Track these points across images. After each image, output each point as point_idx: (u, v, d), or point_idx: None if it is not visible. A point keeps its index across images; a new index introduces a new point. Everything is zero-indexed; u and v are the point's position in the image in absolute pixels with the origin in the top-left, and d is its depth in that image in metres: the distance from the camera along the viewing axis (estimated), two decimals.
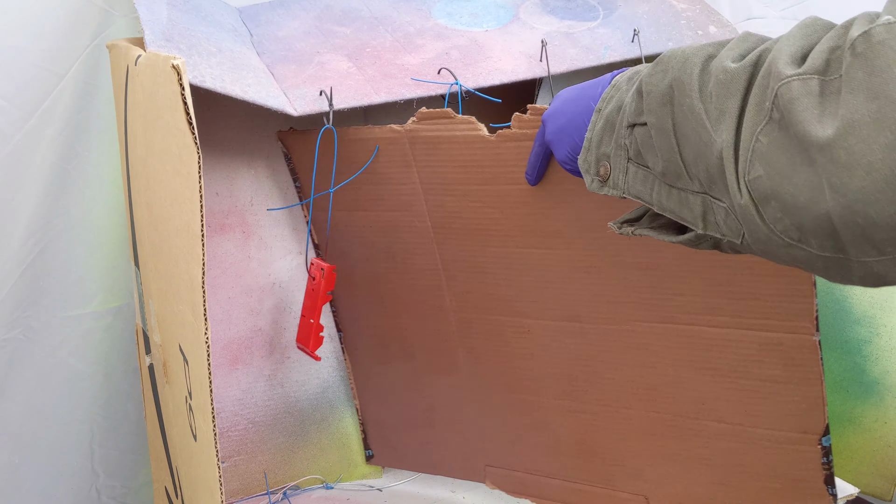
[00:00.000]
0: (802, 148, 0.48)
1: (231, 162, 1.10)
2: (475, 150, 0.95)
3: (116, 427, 1.27)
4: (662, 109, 0.59)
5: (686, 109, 0.57)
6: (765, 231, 0.53)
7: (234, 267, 1.12)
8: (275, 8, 1.17)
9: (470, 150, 0.95)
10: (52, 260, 1.17)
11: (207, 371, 0.77)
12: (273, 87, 1.00)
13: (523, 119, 0.89)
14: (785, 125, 0.49)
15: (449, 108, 0.96)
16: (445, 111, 0.96)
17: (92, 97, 1.14)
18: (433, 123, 0.96)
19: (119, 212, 1.18)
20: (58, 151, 1.13)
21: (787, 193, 0.50)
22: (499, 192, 0.96)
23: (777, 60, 0.50)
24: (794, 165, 0.49)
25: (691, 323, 0.90)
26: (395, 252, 1.07)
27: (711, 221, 0.59)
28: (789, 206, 0.50)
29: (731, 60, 0.54)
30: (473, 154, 0.95)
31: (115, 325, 1.23)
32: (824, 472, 0.89)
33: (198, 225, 0.75)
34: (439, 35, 1.15)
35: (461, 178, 0.98)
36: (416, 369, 1.16)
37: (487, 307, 1.05)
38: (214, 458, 0.79)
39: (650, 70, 0.62)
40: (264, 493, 1.17)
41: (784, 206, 0.50)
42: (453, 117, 0.95)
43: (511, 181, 0.94)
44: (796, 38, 0.51)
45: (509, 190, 0.95)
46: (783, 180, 0.50)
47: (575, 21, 1.21)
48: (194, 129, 0.74)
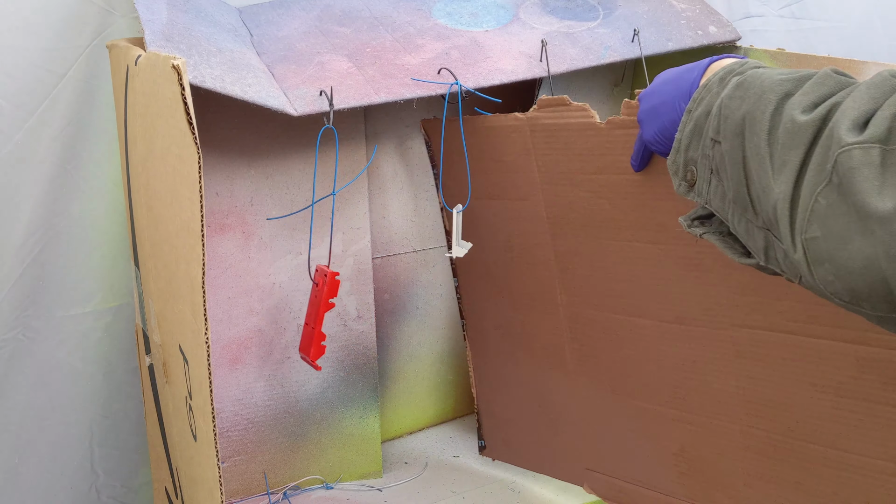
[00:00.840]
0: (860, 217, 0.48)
1: (231, 162, 1.10)
2: (588, 138, 0.94)
3: (117, 426, 1.27)
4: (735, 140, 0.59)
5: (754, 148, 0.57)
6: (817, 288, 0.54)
7: (234, 267, 1.12)
8: (275, 8, 1.17)
9: (583, 138, 0.94)
10: (52, 259, 1.17)
11: (207, 371, 0.77)
12: (273, 88, 1.00)
13: (632, 105, 0.87)
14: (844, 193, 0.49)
15: (565, 96, 0.95)
16: (562, 98, 0.95)
17: (92, 97, 1.14)
18: (551, 111, 0.96)
19: (119, 211, 1.19)
20: (58, 151, 1.14)
21: (842, 258, 0.50)
22: (609, 182, 0.94)
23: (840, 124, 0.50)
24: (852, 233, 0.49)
25: (791, 332, 0.86)
26: (514, 244, 1.07)
27: (772, 257, 0.59)
28: (842, 271, 0.50)
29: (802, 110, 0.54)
30: (586, 142, 0.94)
31: (114, 324, 1.23)
32: None
33: (198, 225, 0.75)
34: (439, 35, 1.15)
35: (576, 167, 0.97)
36: (531, 363, 1.16)
37: (598, 303, 1.03)
38: (214, 458, 0.79)
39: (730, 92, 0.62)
40: (264, 493, 1.17)
41: (837, 270, 0.51)
42: (569, 104, 0.94)
43: (619, 171, 0.92)
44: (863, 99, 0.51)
45: (618, 180, 0.93)
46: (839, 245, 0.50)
47: (575, 21, 1.21)
48: (194, 129, 0.74)
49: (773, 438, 0.92)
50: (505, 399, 1.21)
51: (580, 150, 0.96)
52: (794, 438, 0.90)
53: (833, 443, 0.87)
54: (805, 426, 0.89)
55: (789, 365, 0.87)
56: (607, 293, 1.02)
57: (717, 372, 0.94)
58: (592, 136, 0.93)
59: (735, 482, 0.97)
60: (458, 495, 1.19)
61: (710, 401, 0.96)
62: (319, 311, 1.04)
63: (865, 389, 0.82)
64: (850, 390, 0.83)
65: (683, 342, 0.96)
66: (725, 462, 0.97)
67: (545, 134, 0.99)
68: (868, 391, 0.82)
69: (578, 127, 0.94)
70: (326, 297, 1.04)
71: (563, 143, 0.97)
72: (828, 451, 0.87)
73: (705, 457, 0.99)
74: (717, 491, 1.00)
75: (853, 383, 0.83)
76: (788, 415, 0.89)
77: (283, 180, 1.13)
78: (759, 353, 0.89)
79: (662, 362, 0.99)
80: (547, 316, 1.10)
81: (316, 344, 1.05)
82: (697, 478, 1.01)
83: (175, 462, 1.03)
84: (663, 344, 0.98)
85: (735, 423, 0.95)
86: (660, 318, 0.97)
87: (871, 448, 0.84)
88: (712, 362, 0.94)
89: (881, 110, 0.49)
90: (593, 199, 0.97)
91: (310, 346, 1.05)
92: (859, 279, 0.50)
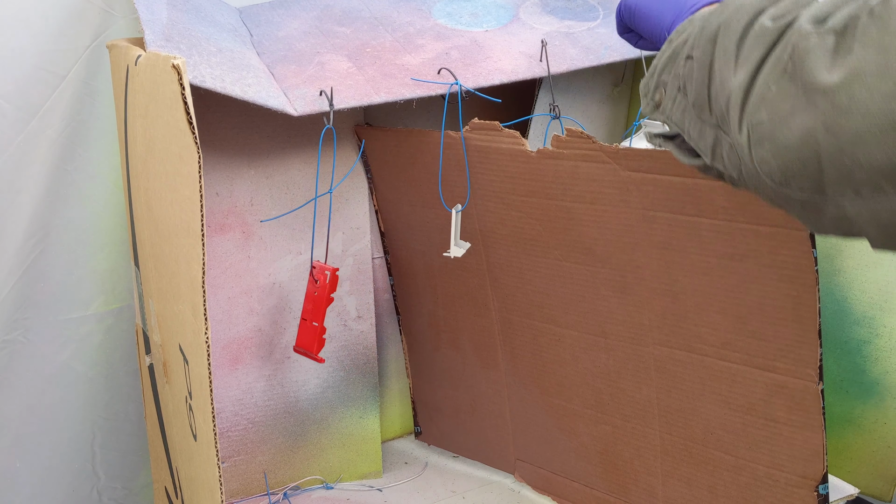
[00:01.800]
0: (806, 92, 0.52)
1: (231, 162, 1.10)
2: (519, 164, 0.98)
3: (118, 429, 1.27)
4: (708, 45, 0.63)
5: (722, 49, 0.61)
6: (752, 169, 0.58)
7: (234, 267, 1.12)
8: (275, 8, 1.17)
9: (514, 163, 0.99)
10: (52, 262, 1.17)
11: (207, 371, 0.77)
12: (273, 87, 1.00)
13: (561, 140, 0.92)
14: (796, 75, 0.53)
15: (496, 122, 0.99)
16: (493, 123, 0.99)
17: (92, 98, 1.14)
18: (484, 133, 1.00)
19: (119, 213, 1.19)
20: (58, 153, 1.13)
21: (782, 136, 0.54)
22: (540, 205, 0.99)
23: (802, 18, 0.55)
24: (796, 110, 0.53)
25: (707, 354, 0.91)
26: None
27: (718, 154, 0.63)
28: (780, 148, 0.54)
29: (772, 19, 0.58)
30: (517, 167, 0.99)
31: (116, 326, 1.23)
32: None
33: (198, 224, 0.75)
34: (439, 35, 1.15)
35: (507, 187, 1.01)
36: (464, 360, 1.20)
37: (527, 312, 1.08)
38: (214, 458, 0.79)
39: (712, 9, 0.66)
40: (264, 493, 1.17)
41: (775, 149, 0.55)
42: (500, 130, 0.98)
43: (550, 196, 0.97)
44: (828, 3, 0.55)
45: (548, 204, 0.98)
46: (782, 123, 0.54)
47: (575, 21, 1.21)
48: (195, 128, 0.74)
49: (688, 445, 0.97)
50: (437, 390, 1.27)
51: (511, 174, 1.00)
52: (707, 447, 0.95)
53: (743, 454, 0.92)
54: (717, 437, 0.94)
55: (705, 384, 0.92)
56: (534, 304, 1.07)
57: (636, 382, 0.99)
58: (523, 163, 0.97)
59: (652, 481, 1.02)
60: (458, 495, 1.19)
61: (628, 406, 1.02)
62: (321, 307, 1.06)
63: (773, 412, 0.88)
64: (759, 411, 0.89)
65: (605, 353, 1.01)
66: (643, 462, 1.02)
67: (478, 154, 1.02)
68: (775, 413, 0.88)
69: (510, 153, 0.98)
70: (329, 292, 1.06)
71: (494, 164, 1.01)
72: (738, 461, 0.93)
73: (624, 456, 1.04)
74: (636, 487, 1.04)
75: (762, 405, 0.88)
76: (702, 426, 0.95)
77: (283, 180, 1.13)
78: (676, 371, 0.95)
79: (584, 369, 1.05)
80: (479, 318, 1.15)
81: (318, 338, 1.07)
82: (617, 473, 1.06)
83: (175, 462, 1.03)
84: (586, 353, 1.03)
85: (652, 427, 1.00)
86: (584, 329, 1.02)
87: (777, 461, 0.90)
88: (632, 374, 0.99)
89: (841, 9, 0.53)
90: (524, 218, 1.01)
91: (313, 341, 1.07)
92: (794, 155, 0.53)
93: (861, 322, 1.12)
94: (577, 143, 0.91)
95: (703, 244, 0.86)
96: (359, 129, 1.15)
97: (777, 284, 0.82)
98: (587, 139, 0.90)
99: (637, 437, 1.02)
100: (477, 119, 1.01)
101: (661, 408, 0.98)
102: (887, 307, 1.10)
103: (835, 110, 0.50)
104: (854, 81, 0.49)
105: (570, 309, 1.03)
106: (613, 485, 1.08)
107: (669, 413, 0.97)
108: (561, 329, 1.05)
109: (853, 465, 1.15)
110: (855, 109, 0.49)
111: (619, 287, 0.96)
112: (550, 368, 1.09)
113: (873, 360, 1.12)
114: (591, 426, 1.07)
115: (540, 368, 1.11)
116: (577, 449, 1.11)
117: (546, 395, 1.12)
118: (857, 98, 0.49)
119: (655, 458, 1.01)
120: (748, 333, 0.86)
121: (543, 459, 1.16)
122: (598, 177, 0.91)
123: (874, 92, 0.49)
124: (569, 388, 1.08)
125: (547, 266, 1.02)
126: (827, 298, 1.15)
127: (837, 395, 1.15)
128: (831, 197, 0.53)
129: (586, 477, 1.11)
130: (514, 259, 1.06)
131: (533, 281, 1.05)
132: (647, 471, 1.03)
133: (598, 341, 1.02)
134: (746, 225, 0.81)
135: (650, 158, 0.86)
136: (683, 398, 0.95)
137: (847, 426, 1.14)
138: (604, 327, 1.00)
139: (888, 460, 1.11)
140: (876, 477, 1.13)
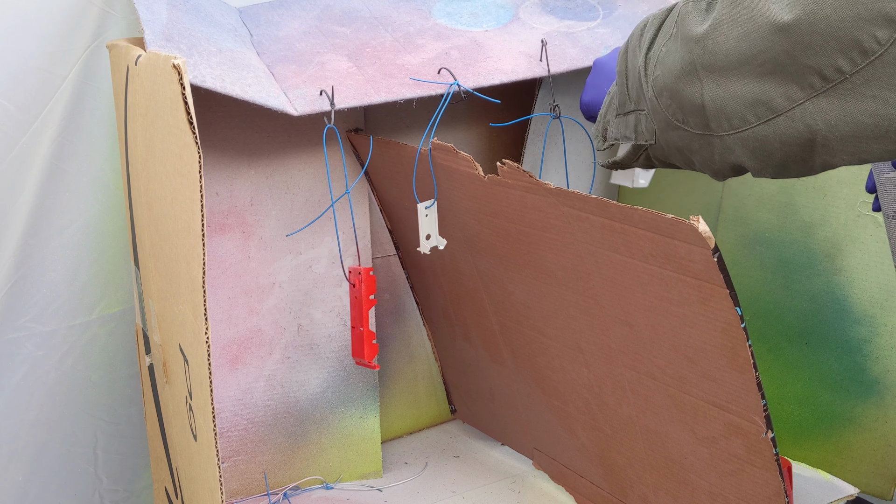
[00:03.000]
0: (686, 43, 0.66)
1: (231, 162, 1.10)
2: (476, 186, 0.99)
3: (120, 432, 1.27)
4: (622, 59, 0.78)
5: (630, 50, 0.76)
6: (663, 116, 0.70)
7: (234, 267, 1.12)
8: (274, 8, 1.17)
9: (473, 185, 0.99)
10: (51, 264, 1.17)
11: (208, 370, 0.77)
12: (273, 87, 1.00)
13: (504, 170, 0.92)
14: (678, 35, 0.67)
15: (451, 145, 0.98)
16: (449, 147, 0.99)
17: (92, 99, 1.14)
18: (444, 153, 1.00)
19: (120, 215, 1.18)
20: (59, 153, 1.13)
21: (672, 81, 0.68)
22: (502, 227, 1.00)
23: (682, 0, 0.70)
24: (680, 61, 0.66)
25: (668, 385, 0.91)
26: (443, 253, 1.11)
27: (640, 131, 0.75)
28: (674, 93, 0.68)
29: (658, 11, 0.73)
30: (476, 188, 0.99)
31: (118, 329, 1.23)
32: None
33: (198, 224, 0.75)
34: (439, 35, 1.15)
35: (473, 206, 1.02)
36: (476, 353, 1.23)
37: (516, 319, 1.10)
38: (214, 458, 0.79)
39: None
40: (264, 493, 1.17)
41: (671, 94, 0.68)
42: (456, 154, 0.98)
43: (510, 220, 0.98)
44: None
45: (510, 227, 0.99)
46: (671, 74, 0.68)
47: (575, 21, 1.21)
48: (195, 128, 0.74)
49: (668, 464, 0.97)
50: (461, 375, 1.30)
51: (473, 194, 1.01)
52: (684, 469, 0.95)
53: (714, 483, 0.92)
54: (691, 463, 0.94)
55: (672, 411, 0.92)
56: (521, 313, 1.08)
57: (616, 398, 1.00)
58: (479, 187, 0.98)
59: (645, 490, 1.03)
60: (458, 495, 1.19)
61: (614, 419, 1.02)
62: (363, 310, 1.06)
63: (734, 449, 0.87)
64: (722, 446, 0.88)
65: (585, 368, 1.02)
66: (634, 472, 1.03)
67: (444, 172, 1.03)
68: (737, 451, 0.87)
69: (467, 176, 0.99)
70: (367, 293, 1.05)
71: (458, 183, 1.02)
72: (713, 488, 0.93)
73: (619, 462, 1.05)
74: (632, 492, 1.06)
75: (724, 441, 0.88)
76: (676, 449, 0.95)
77: (283, 180, 1.13)
78: (647, 395, 0.95)
79: (572, 379, 1.06)
80: (481, 318, 1.17)
81: (368, 343, 1.07)
82: (615, 477, 1.07)
83: (175, 462, 1.03)
84: (570, 364, 1.04)
85: (637, 442, 1.00)
86: (563, 343, 1.03)
87: (745, 495, 0.89)
88: (611, 390, 1.00)
89: None
90: (493, 236, 1.03)
91: (362, 347, 1.07)
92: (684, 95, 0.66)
93: (861, 321, 1.12)
94: (519, 175, 0.91)
95: (643, 285, 0.86)
96: (350, 136, 1.16)
97: (712, 333, 0.81)
98: (526, 174, 0.90)
99: (626, 448, 1.03)
100: (435, 140, 1.00)
101: (641, 426, 0.98)
102: (888, 306, 1.10)
103: (705, 52, 0.64)
104: (716, 29, 0.63)
105: (549, 322, 1.04)
106: (614, 487, 1.08)
107: (648, 432, 0.97)
108: (546, 339, 1.06)
109: (854, 464, 1.15)
110: (717, 50, 0.63)
111: (584, 310, 0.96)
112: (545, 373, 1.10)
113: (874, 359, 1.12)
114: (588, 430, 1.08)
115: (538, 370, 1.12)
116: (580, 448, 1.11)
117: (547, 395, 1.12)
118: (719, 41, 0.62)
119: (644, 469, 1.01)
120: (700, 373, 0.86)
121: (556, 452, 1.17)
122: (544, 208, 0.92)
123: (729, 35, 0.62)
124: (564, 393, 1.09)
125: (522, 281, 1.04)
126: (828, 297, 1.15)
127: (838, 393, 1.15)
128: (715, 131, 0.65)
129: (591, 475, 1.12)
130: (496, 271, 1.07)
131: (514, 293, 1.07)
132: (639, 480, 1.03)
133: (578, 356, 1.02)
134: (675, 274, 0.81)
135: (582, 200, 0.86)
136: (658, 420, 0.95)
137: (848, 425, 1.14)
138: (580, 344, 1.01)
139: (889, 459, 1.11)
140: (876, 475, 1.13)
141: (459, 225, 1.07)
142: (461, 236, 1.09)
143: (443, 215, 1.08)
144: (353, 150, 1.17)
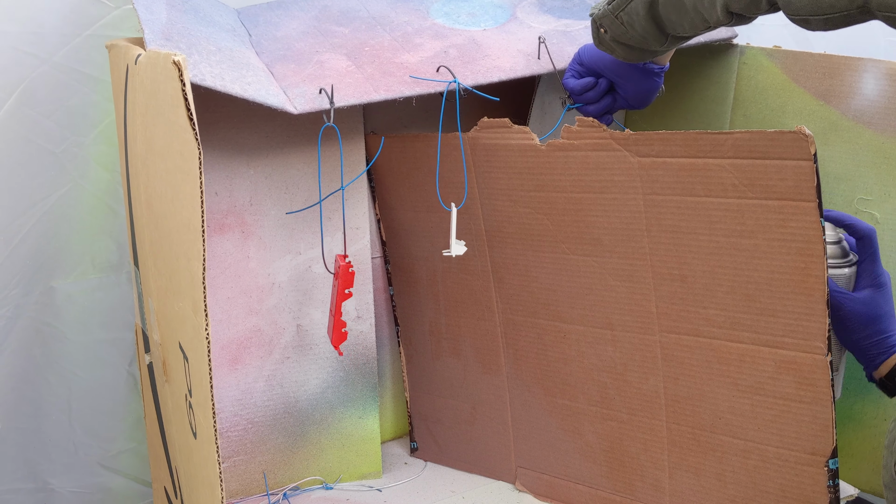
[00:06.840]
0: None
1: (230, 162, 1.10)
2: (528, 158, 1.01)
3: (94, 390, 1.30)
4: None
5: None
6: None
7: (234, 267, 1.12)
8: (273, 9, 1.18)
9: (523, 158, 1.02)
10: (39, 239, 1.21)
11: (208, 367, 0.77)
12: (273, 86, 1.01)
13: (573, 130, 0.96)
14: None
15: (506, 119, 1.02)
16: (504, 121, 1.02)
17: (87, 86, 1.17)
18: (493, 132, 1.03)
19: (106, 191, 1.23)
20: (42, 134, 1.17)
21: None
22: (548, 199, 1.02)
23: None
24: None
25: (715, 337, 0.94)
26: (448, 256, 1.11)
27: None
28: None
29: None
30: (526, 162, 1.02)
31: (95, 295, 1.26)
32: (829, 496, 0.90)
33: (198, 221, 0.75)
34: (437, 34, 1.15)
35: (515, 184, 1.04)
36: (465, 367, 1.21)
37: (531, 310, 1.10)
38: (215, 455, 0.79)
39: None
40: (264, 493, 1.17)
41: None
42: (510, 126, 1.02)
43: (558, 189, 1.00)
44: None
45: (557, 197, 1.01)
46: None
47: (572, 20, 1.21)
48: (195, 124, 0.74)
49: (696, 433, 0.99)
50: (436, 400, 1.26)
51: (520, 169, 1.03)
52: (714, 433, 0.97)
53: (752, 437, 0.94)
54: (725, 422, 0.96)
55: (712, 367, 0.95)
56: (539, 301, 1.09)
57: (642, 373, 1.02)
58: (532, 157, 1.01)
59: (659, 475, 1.04)
60: (458, 495, 1.19)
61: (634, 399, 1.03)
62: (337, 301, 1.08)
63: (781, 389, 0.90)
64: (768, 390, 0.91)
65: (610, 345, 1.04)
66: (650, 456, 1.04)
67: (485, 153, 1.05)
68: (784, 390, 0.90)
69: (519, 148, 1.02)
70: (342, 287, 1.08)
71: (502, 161, 1.04)
72: (747, 444, 0.95)
73: (631, 451, 1.06)
74: (642, 482, 1.06)
75: (771, 383, 0.91)
76: (710, 412, 0.97)
77: (283, 180, 1.13)
78: (683, 357, 0.97)
79: (589, 365, 1.07)
80: (482, 322, 1.16)
81: (337, 331, 1.09)
82: (623, 471, 1.08)
83: (174, 461, 1.02)
84: (591, 348, 1.06)
85: (658, 419, 1.02)
86: (589, 323, 1.05)
87: (786, 441, 0.92)
88: (638, 365, 1.02)
89: None
90: (532, 214, 1.04)
91: (331, 332, 1.10)
92: None
93: None
94: (589, 133, 0.95)
95: (712, 224, 0.89)
96: (368, 138, 1.17)
97: (785, 258, 0.85)
98: (598, 128, 0.94)
99: (644, 430, 1.03)
100: (486, 118, 1.03)
101: (668, 397, 1.00)
102: None
103: None
104: None
105: (577, 303, 1.05)
106: (619, 483, 1.08)
107: (677, 402, 0.99)
108: (566, 325, 1.07)
109: (853, 462, 1.15)
110: None
111: (627, 275, 0.99)
112: (555, 367, 1.10)
113: None
114: (597, 423, 1.08)
115: (544, 369, 1.11)
116: (582, 449, 1.11)
117: (550, 395, 1.12)
118: None
119: (662, 450, 1.02)
120: (756, 311, 0.89)
121: (546, 464, 1.16)
122: (609, 164, 0.95)
123: None
124: (574, 387, 1.09)
125: (553, 261, 1.05)
126: None
127: None
128: None
129: (591, 478, 1.11)
130: (519, 257, 1.08)
131: (539, 278, 1.07)
132: (653, 464, 1.04)
133: (605, 334, 1.03)
134: (755, 200, 0.85)
135: (661, 142, 0.90)
136: (691, 384, 0.97)
137: (847, 423, 1.14)
138: (610, 318, 1.02)
139: None
140: (876, 474, 1.13)
141: (484, 216, 1.09)
142: (481, 229, 1.10)
143: (460, 213, 1.09)
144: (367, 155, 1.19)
